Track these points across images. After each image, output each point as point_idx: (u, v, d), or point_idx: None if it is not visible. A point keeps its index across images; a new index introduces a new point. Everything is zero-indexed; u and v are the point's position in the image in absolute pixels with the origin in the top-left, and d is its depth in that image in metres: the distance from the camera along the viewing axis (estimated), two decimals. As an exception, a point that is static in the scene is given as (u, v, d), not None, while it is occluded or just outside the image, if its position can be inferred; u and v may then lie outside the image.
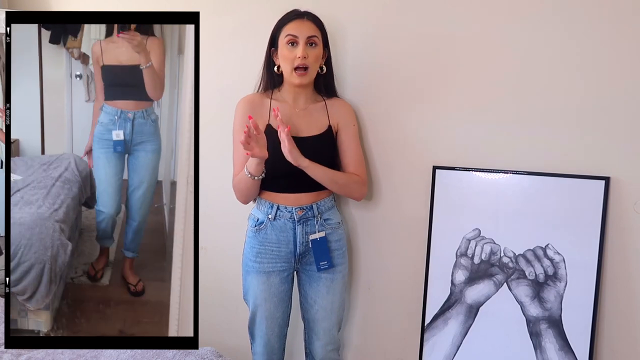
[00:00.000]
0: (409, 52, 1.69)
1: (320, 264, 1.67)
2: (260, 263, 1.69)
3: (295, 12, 1.64)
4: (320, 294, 1.72)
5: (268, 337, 1.75)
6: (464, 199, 1.62)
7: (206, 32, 1.80)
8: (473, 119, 1.61)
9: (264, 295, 1.71)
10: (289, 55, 1.61)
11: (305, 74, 1.61)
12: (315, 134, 1.67)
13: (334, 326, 1.76)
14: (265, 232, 1.68)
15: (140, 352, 1.50)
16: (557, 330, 1.51)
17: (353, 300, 1.91)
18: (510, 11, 1.53)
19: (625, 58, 1.39)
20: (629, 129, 1.41)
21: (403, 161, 1.74)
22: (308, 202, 1.67)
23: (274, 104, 1.68)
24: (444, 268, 1.65)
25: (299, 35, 1.60)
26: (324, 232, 1.68)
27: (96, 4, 2.44)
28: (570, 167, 1.48)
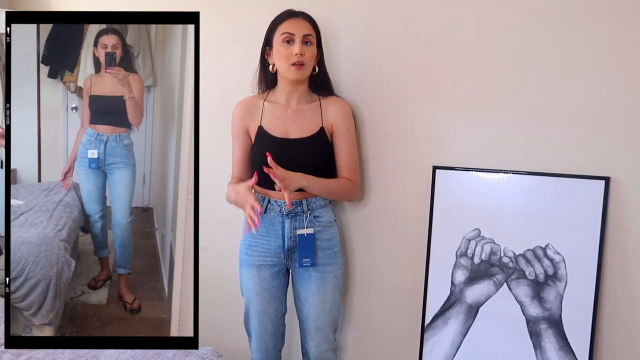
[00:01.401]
0: (408, 52, 1.69)
1: (303, 260, 1.67)
2: (252, 256, 1.72)
3: (289, 11, 1.65)
4: (311, 292, 1.72)
5: (261, 333, 1.77)
6: (464, 199, 1.62)
7: (206, 32, 1.81)
8: (473, 119, 1.61)
9: (255, 289, 1.73)
10: (286, 52, 1.61)
11: (302, 68, 1.62)
12: (305, 135, 1.68)
13: (327, 326, 1.76)
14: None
15: (140, 352, 1.50)
16: (557, 330, 1.51)
17: (353, 300, 1.91)
18: (509, 11, 1.52)
19: (625, 58, 1.39)
20: (629, 129, 1.41)
21: (403, 161, 1.74)
22: (298, 197, 1.67)
23: (266, 106, 1.71)
24: (444, 268, 1.65)
25: (295, 33, 1.60)
26: (312, 229, 1.68)
27: (96, 4, 2.44)
28: (570, 167, 1.48)
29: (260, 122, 1.70)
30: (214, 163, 2.02)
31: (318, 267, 1.70)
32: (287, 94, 1.70)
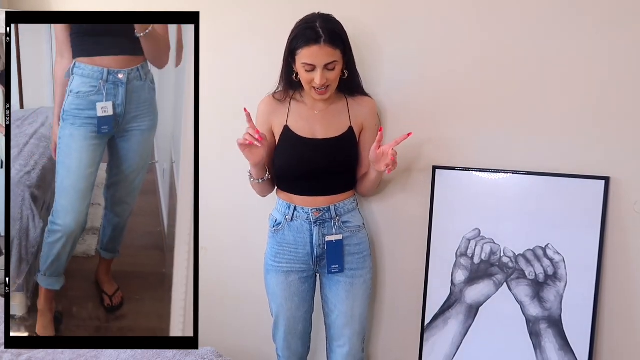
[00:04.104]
0: (408, 52, 1.69)
1: (332, 267, 1.62)
2: (280, 263, 1.67)
3: (309, 31, 1.49)
4: (340, 298, 1.66)
5: (290, 339, 1.72)
6: (464, 199, 1.62)
7: (206, 32, 1.80)
8: (473, 119, 1.61)
9: (284, 295, 1.68)
10: (307, 77, 1.53)
11: (326, 92, 1.55)
12: (333, 136, 1.61)
13: (356, 335, 1.69)
14: (282, 233, 1.65)
15: (140, 352, 1.50)
16: (557, 330, 1.51)
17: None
18: (509, 13, 1.52)
19: (625, 58, 1.39)
20: (629, 129, 1.41)
21: (403, 161, 1.74)
22: (325, 203, 1.62)
23: (293, 105, 1.64)
24: (444, 268, 1.65)
25: (316, 64, 1.50)
26: (341, 235, 1.63)
27: (96, 4, 2.44)
28: (570, 167, 1.48)
29: (286, 121, 1.63)
30: (214, 163, 2.02)
31: (347, 272, 1.64)
32: (313, 98, 1.62)
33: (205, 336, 1.80)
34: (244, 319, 2.12)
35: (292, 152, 1.59)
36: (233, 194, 2.00)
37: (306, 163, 1.59)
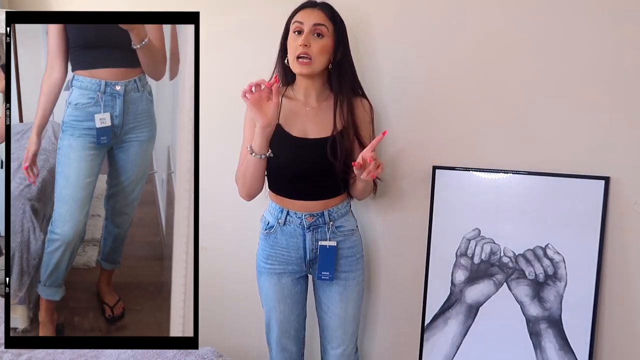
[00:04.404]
0: (408, 52, 1.69)
1: (322, 273, 1.60)
2: (272, 265, 1.65)
3: (307, 2, 1.57)
4: (333, 300, 1.65)
5: (284, 342, 1.71)
6: (464, 199, 1.62)
7: (206, 32, 1.80)
8: (473, 119, 1.61)
9: (277, 297, 1.66)
10: (293, 43, 1.53)
11: (308, 63, 1.51)
12: (324, 135, 1.57)
13: (349, 336, 1.69)
14: (275, 236, 1.63)
15: (140, 352, 1.50)
16: (557, 330, 1.51)
17: (353, 300, 1.91)
18: (509, 11, 1.52)
19: (626, 58, 1.39)
20: (629, 129, 1.41)
21: (403, 161, 1.74)
22: (318, 208, 1.59)
23: (284, 102, 1.59)
24: (444, 268, 1.65)
25: (304, 22, 1.51)
26: (335, 241, 1.60)
27: (96, 4, 2.44)
28: (570, 167, 1.48)
29: (278, 119, 1.56)
30: (214, 163, 2.02)
31: (340, 274, 1.63)
32: (304, 90, 1.60)
33: (205, 336, 1.79)
34: (244, 319, 2.12)
35: (284, 151, 1.55)
36: (234, 194, 2.01)
37: (298, 163, 1.56)
